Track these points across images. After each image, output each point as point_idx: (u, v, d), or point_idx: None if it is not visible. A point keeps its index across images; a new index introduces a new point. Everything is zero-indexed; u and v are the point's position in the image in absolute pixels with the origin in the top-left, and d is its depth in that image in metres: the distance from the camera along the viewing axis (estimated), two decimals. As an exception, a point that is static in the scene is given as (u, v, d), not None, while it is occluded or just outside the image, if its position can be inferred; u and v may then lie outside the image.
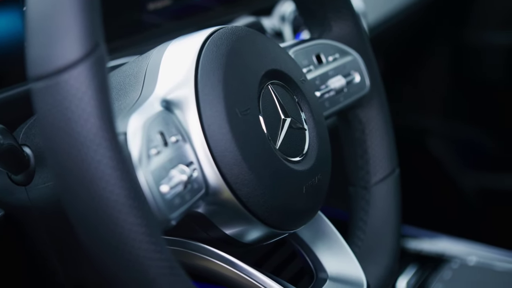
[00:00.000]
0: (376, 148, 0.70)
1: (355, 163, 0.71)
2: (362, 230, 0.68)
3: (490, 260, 0.97)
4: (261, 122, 0.54)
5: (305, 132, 0.59)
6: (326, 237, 0.64)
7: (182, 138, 0.51)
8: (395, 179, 0.70)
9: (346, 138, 0.72)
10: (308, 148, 0.59)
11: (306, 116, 0.60)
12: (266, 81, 0.57)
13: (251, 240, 0.57)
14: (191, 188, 0.50)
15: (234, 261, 0.55)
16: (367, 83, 0.69)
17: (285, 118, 0.57)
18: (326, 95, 0.66)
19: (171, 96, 0.52)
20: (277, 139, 0.56)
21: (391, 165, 0.70)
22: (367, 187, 0.69)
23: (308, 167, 0.58)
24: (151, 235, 0.43)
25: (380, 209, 0.68)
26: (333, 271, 0.62)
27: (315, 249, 0.63)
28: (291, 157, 0.57)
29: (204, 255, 0.56)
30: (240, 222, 0.54)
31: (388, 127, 0.71)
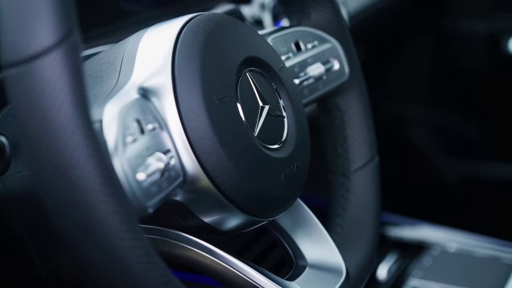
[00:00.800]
0: (355, 136, 0.70)
1: (335, 150, 0.71)
2: (341, 217, 0.68)
3: (470, 246, 0.98)
4: (239, 110, 0.54)
5: (283, 119, 0.59)
6: (306, 225, 0.64)
7: (159, 125, 0.50)
8: (374, 166, 0.70)
9: (325, 126, 0.72)
10: (286, 135, 0.59)
11: (284, 104, 0.60)
12: (244, 68, 0.56)
13: (230, 228, 0.57)
14: (168, 176, 0.49)
15: (213, 249, 0.55)
16: (346, 71, 0.69)
17: (263, 105, 0.57)
18: (305, 83, 0.66)
19: (148, 84, 0.52)
20: (255, 127, 0.56)
21: (371, 152, 0.71)
22: (347, 174, 0.70)
23: (286, 155, 0.58)
24: (127, 223, 0.43)
25: (360, 196, 0.69)
26: (313, 258, 0.62)
27: (294, 236, 0.63)
28: (270, 144, 0.56)
29: (182, 243, 0.55)
30: (219, 210, 0.54)
31: (367, 114, 0.71)
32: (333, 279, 0.60)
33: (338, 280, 0.60)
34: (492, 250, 0.96)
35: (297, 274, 0.60)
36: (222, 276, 0.56)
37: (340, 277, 0.61)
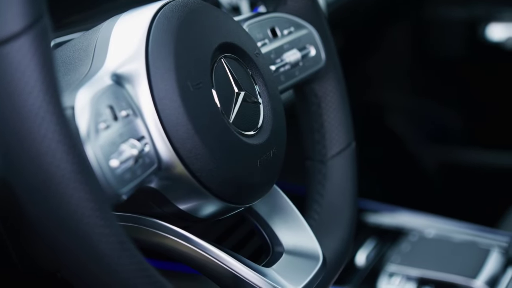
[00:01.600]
0: (332, 122, 0.70)
1: (312, 137, 0.71)
2: (318, 204, 0.68)
3: (448, 232, 0.99)
4: (214, 96, 0.54)
5: (259, 106, 0.59)
6: (283, 211, 0.64)
7: (133, 112, 0.50)
8: (351, 152, 0.71)
9: (302, 112, 0.71)
10: (262, 122, 0.58)
11: (260, 90, 0.59)
12: (219, 55, 0.56)
13: (206, 214, 0.57)
14: (142, 163, 0.49)
15: (189, 237, 0.55)
16: (322, 57, 0.69)
17: (238, 91, 0.57)
18: (281, 69, 0.66)
19: (121, 70, 0.51)
20: (231, 113, 0.55)
21: (348, 138, 0.71)
22: (324, 160, 0.70)
23: (262, 141, 0.57)
24: (99, 210, 0.42)
25: (337, 183, 0.69)
26: (290, 244, 0.62)
27: (271, 223, 0.63)
28: (245, 131, 0.56)
29: (158, 230, 0.55)
30: (194, 196, 0.54)
31: (344, 100, 0.71)
32: (310, 265, 0.60)
33: (315, 266, 0.60)
34: (469, 235, 0.97)
35: (274, 261, 0.60)
36: (198, 263, 0.56)
37: (317, 263, 0.61)
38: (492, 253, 0.91)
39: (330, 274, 0.63)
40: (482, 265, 0.88)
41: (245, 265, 0.55)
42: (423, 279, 0.88)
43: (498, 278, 0.87)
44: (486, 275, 0.87)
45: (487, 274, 0.87)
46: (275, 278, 0.57)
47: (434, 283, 0.87)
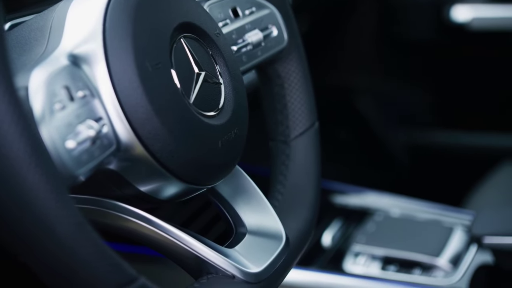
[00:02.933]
0: (295, 103, 0.70)
1: (275, 118, 0.70)
2: (282, 184, 0.68)
3: (413, 211, 1.00)
4: (173, 76, 0.53)
5: (220, 86, 0.58)
6: (246, 193, 0.64)
7: (90, 93, 0.49)
8: (314, 133, 0.71)
9: (265, 93, 0.71)
10: (223, 102, 0.58)
11: (221, 70, 0.59)
12: (179, 34, 0.55)
13: (168, 196, 0.56)
14: (100, 144, 0.48)
15: (150, 219, 0.54)
16: (285, 37, 0.69)
17: (199, 72, 0.56)
18: (243, 49, 0.65)
19: (78, 51, 0.50)
20: (191, 94, 0.55)
21: (311, 119, 0.71)
22: (287, 141, 0.70)
23: (224, 122, 0.57)
24: (55, 191, 0.42)
25: (300, 163, 0.69)
26: (252, 225, 0.62)
27: (234, 204, 0.63)
28: (206, 111, 0.56)
29: (119, 213, 0.55)
30: (155, 178, 0.53)
31: (307, 81, 0.71)
32: (272, 245, 0.60)
33: (278, 246, 0.60)
34: (434, 215, 0.98)
35: (237, 242, 0.60)
36: (160, 246, 0.56)
37: (279, 243, 0.61)
38: (455, 232, 0.92)
39: (293, 254, 0.63)
40: (445, 244, 0.90)
41: (208, 246, 0.55)
42: (387, 258, 0.89)
43: (461, 256, 0.89)
44: (449, 253, 0.88)
45: (450, 252, 0.89)
46: (237, 258, 0.57)
47: (398, 262, 0.89)
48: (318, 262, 0.91)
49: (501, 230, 0.83)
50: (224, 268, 0.55)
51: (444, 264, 0.87)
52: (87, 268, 0.43)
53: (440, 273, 0.86)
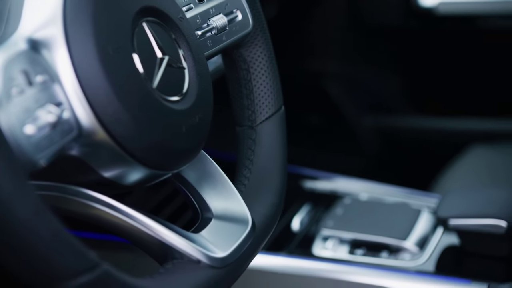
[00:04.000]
0: (261, 87, 0.70)
1: (241, 103, 0.70)
2: (248, 169, 0.68)
3: (381, 195, 1.01)
4: (135, 61, 0.53)
5: (184, 71, 0.58)
6: (212, 178, 0.64)
7: (50, 78, 0.48)
8: (280, 117, 0.71)
9: (231, 78, 0.71)
10: (187, 87, 0.58)
11: (185, 55, 0.59)
12: (141, 18, 0.55)
13: (132, 181, 0.56)
14: (60, 129, 0.48)
15: (113, 204, 0.54)
16: (250, 22, 0.69)
17: (162, 56, 0.56)
18: (207, 34, 0.65)
19: (37, 35, 0.50)
20: (154, 78, 0.54)
21: (277, 103, 0.71)
22: (253, 126, 0.70)
23: (188, 107, 0.57)
24: (13, 176, 0.41)
25: (266, 148, 0.69)
26: (218, 210, 0.62)
27: (200, 189, 0.63)
28: (170, 96, 0.55)
29: (83, 199, 0.54)
30: (118, 163, 0.53)
31: (273, 65, 0.71)
32: (238, 230, 0.60)
33: (244, 230, 0.60)
34: (402, 199, 0.99)
35: (203, 227, 0.60)
36: (125, 232, 0.55)
37: (246, 227, 0.61)
38: (422, 215, 0.93)
39: (259, 238, 0.63)
40: (412, 227, 0.90)
41: (172, 231, 0.55)
42: (356, 242, 0.90)
43: (428, 238, 0.90)
44: (416, 235, 0.89)
45: (417, 235, 0.90)
46: (203, 243, 0.57)
47: (366, 245, 0.89)
48: (287, 247, 0.91)
49: (465, 213, 0.84)
50: (189, 253, 0.55)
51: (411, 247, 0.88)
52: (44, 255, 0.43)
53: (407, 255, 0.87)
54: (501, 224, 0.82)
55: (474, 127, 1.56)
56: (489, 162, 1.25)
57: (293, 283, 0.87)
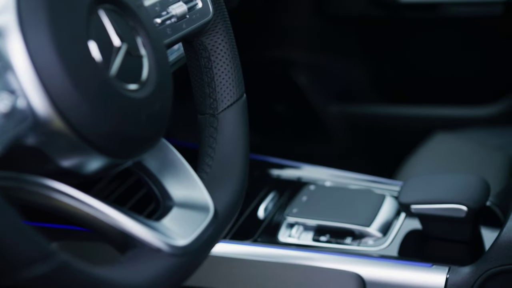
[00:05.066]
0: (222, 75, 0.70)
1: (203, 91, 0.70)
2: (210, 157, 0.68)
3: (345, 183, 1.02)
4: (92, 49, 0.52)
5: (142, 59, 0.58)
6: (173, 166, 0.64)
7: (3, 66, 0.48)
8: (242, 105, 0.71)
9: (192, 67, 0.71)
10: (147, 75, 0.57)
11: (144, 43, 0.58)
12: (97, 5, 0.54)
13: (91, 171, 0.55)
14: (14, 118, 0.47)
15: (72, 193, 0.53)
16: (210, 10, 0.69)
17: (119, 44, 0.55)
18: (167, 22, 0.65)
19: None
20: (112, 66, 0.54)
21: (239, 91, 0.71)
22: (215, 114, 0.70)
23: (146, 95, 0.56)
24: None
25: (228, 135, 0.69)
26: (180, 198, 0.62)
27: (161, 178, 0.63)
28: (128, 84, 0.55)
29: (41, 189, 0.53)
30: (76, 152, 0.53)
31: (234, 53, 0.71)
32: (200, 218, 0.60)
33: (206, 218, 0.61)
34: (366, 186, 1.00)
35: (164, 215, 0.60)
36: (84, 221, 0.55)
37: (207, 215, 0.61)
38: (386, 201, 0.94)
39: (221, 226, 0.63)
40: (376, 213, 0.91)
41: (133, 220, 0.55)
42: (320, 228, 0.91)
43: (391, 224, 0.91)
44: (379, 221, 0.91)
45: (381, 221, 0.91)
46: (164, 231, 0.57)
47: (330, 231, 0.90)
48: (252, 235, 0.92)
49: (426, 198, 0.85)
50: (150, 242, 0.55)
51: (375, 232, 0.89)
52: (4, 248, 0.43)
53: (370, 241, 0.88)
54: (461, 208, 0.84)
55: (438, 114, 1.58)
56: (451, 148, 1.27)
57: (258, 270, 0.87)
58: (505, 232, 0.79)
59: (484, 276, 0.79)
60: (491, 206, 0.93)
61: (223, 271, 0.88)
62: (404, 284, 0.83)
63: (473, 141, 1.29)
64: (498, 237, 0.80)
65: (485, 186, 0.87)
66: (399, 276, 0.83)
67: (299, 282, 0.87)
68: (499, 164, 1.19)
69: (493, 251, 0.79)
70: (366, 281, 0.84)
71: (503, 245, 0.79)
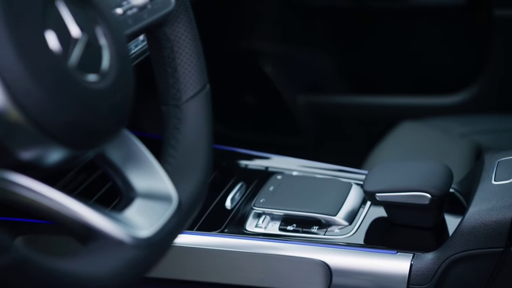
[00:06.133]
0: (185, 66, 0.70)
1: (166, 81, 0.70)
2: (174, 148, 0.68)
3: (313, 173, 1.02)
4: (50, 39, 0.52)
5: (102, 49, 0.57)
6: (137, 158, 0.64)
7: None
8: (206, 95, 0.71)
9: (155, 57, 0.71)
10: (106, 66, 0.57)
11: (104, 33, 0.58)
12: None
13: (52, 163, 0.55)
14: None
15: (31, 186, 0.53)
16: (172, 0, 0.68)
17: (78, 34, 0.55)
18: (128, 12, 0.64)
19: None
20: (70, 57, 0.53)
21: (202, 81, 0.71)
22: (179, 105, 0.70)
23: (107, 85, 0.56)
24: None
25: (192, 126, 0.69)
26: (143, 189, 0.62)
27: (124, 169, 0.63)
28: (88, 75, 0.55)
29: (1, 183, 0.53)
30: (35, 144, 0.52)
31: (196, 43, 0.71)
32: (163, 208, 0.60)
33: (169, 209, 0.61)
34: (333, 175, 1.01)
35: (127, 206, 0.60)
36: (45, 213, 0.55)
37: (171, 206, 0.61)
38: (352, 190, 0.95)
39: (185, 216, 0.63)
40: (342, 202, 0.92)
41: (94, 211, 0.55)
42: (287, 218, 0.91)
43: (357, 213, 0.92)
44: (345, 210, 0.91)
45: (346, 210, 0.91)
46: (126, 223, 0.57)
47: (297, 221, 0.91)
48: (219, 226, 0.92)
49: (391, 187, 0.86)
50: (111, 233, 0.55)
51: (341, 221, 0.90)
52: None
53: (336, 229, 0.89)
54: (425, 196, 0.85)
55: (405, 104, 1.60)
56: (417, 137, 1.28)
57: (225, 260, 0.88)
58: (467, 218, 0.81)
59: (447, 262, 0.81)
60: (455, 193, 0.94)
61: (190, 262, 0.88)
62: (369, 271, 0.84)
63: (438, 130, 1.30)
64: (460, 223, 0.81)
65: (448, 173, 0.88)
66: (365, 264, 0.84)
67: (266, 272, 0.87)
68: (463, 152, 1.21)
69: (455, 237, 0.81)
70: (332, 269, 0.84)
71: (465, 231, 0.80)
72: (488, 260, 0.79)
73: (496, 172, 0.86)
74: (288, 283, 0.86)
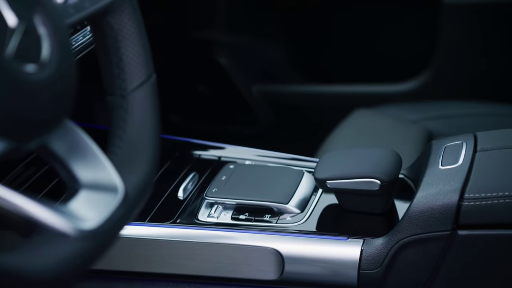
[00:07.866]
0: (130, 55, 0.69)
1: (111, 71, 0.69)
2: (120, 139, 0.67)
3: (265, 161, 1.02)
4: None
5: (42, 38, 0.56)
6: (81, 149, 0.63)
7: None
8: (151, 85, 0.70)
9: (100, 47, 0.69)
10: (46, 56, 0.56)
11: (43, 22, 0.56)
12: None
13: None
14: None
15: None
16: None
17: (15, 23, 0.53)
18: (70, 1, 0.63)
19: None
20: (7, 47, 0.52)
21: (148, 71, 0.70)
22: (124, 95, 0.69)
23: (47, 75, 0.55)
24: None
25: (138, 116, 0.68)
26: (88, 180, 0.61)
27: (69, 161, 0.61)
28: (26, 65, 0.53)
29: None
30: None
31: (141, 33, 0.70)
32: (109, 199, 0.60)
33: (115, 200, 0.60)
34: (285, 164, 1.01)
35: (70, 197, 0.59)
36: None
37: (117, 197, 0.60)
38: (304, 178, 0.95)
39: (131, 207, 0.62)
40: (294, 190, 0.93)
41: (35, 203, 0.53)
42: (239, 207, 0.91)
43: (308, 200, 0.92)
44: (297, 198, 0.92)
45: (298, 197, 0.92)
46: (70, 215, 0.56)
47: (249, 210, 0.91)
48: (172, 216, 0.91)
49: (341, 174, 0.87)
50: (53, 225, 0.54)
51: (293, 209, 0.90)
52: None
53: (289, 217, 0.90)
54: (374, 182, 0.86)
55: (359, 92, 1.61)
56: (370, 124, 1.29)
57: (178, 250, 0.87)
58: (415, 203, 0.82)
59: (396, 247, 0.82)
60: (405, 178, 0.95)
61: (141, 254, 0.87)
62: (321, 258, 0.85)
63: (390, 117, 1.32)
64: (409, 208, 0.82)
65: (397, 159, 0.89)
66: (316, 250, 0.85)
67: (219, 261, 0.87)
68: (414, 138, 1.23)
69: (404, 222, 0.82)
70: (285, 256, 0.85)
71: (413, 216, 0.81)
72: (435, 244, 0.81)
73: (443, 157, 0.87)
74: (240, 271, 0.86)
